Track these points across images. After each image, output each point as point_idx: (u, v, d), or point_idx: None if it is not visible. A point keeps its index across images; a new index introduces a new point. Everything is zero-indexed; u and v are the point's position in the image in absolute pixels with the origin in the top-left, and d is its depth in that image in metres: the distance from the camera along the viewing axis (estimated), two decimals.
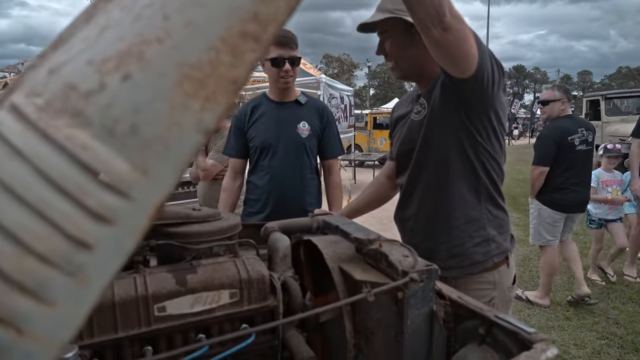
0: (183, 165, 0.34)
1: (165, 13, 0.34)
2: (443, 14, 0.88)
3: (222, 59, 0.35)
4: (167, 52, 0.34)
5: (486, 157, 1.22)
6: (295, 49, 1.95)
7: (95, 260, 0.33)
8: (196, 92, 0.34)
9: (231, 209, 2.09)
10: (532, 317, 3.26)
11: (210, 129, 0.35)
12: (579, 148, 3.23)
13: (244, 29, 0.35)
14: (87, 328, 0.82)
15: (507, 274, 1.28)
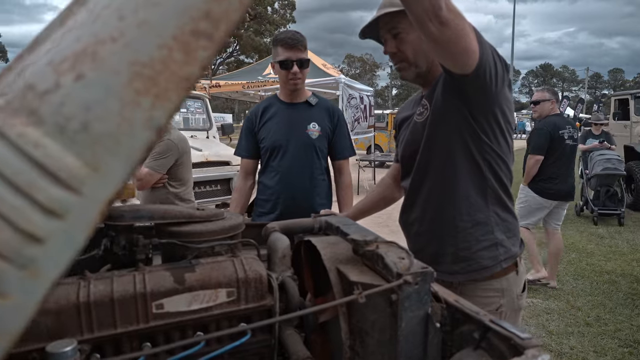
0: (135, 161, 0.35)
1: (120, 14, 0.34)
2: (439, 7, 0.86)
3: (174, 57, 0.35)
4: (119, 51, 0.34)
5: (492, 157, 1.19)
6: (304, 51, 1.96)
7: (46, 254, 0.34)
8: (147, 89, 0.35)
9: (242, 209, 2.12)
10: (551, 322, 3.17)
11: (161, 126, 0.35)
12: (567, 142, 3.70)
13: (196, 27, 0.35)
14: (86, 323, 0.84)
15: (516, 281, 1.25)
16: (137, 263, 1.08)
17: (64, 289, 0.85)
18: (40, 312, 0.82)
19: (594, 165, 6.33)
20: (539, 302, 3.52)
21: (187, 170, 2.86)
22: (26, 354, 0.79)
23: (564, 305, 3.47)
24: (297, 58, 1.94)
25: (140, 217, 1.09)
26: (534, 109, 3.95)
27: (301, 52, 1.95)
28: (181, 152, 2.76)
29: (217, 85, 9.08)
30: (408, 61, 1.26)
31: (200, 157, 3.49)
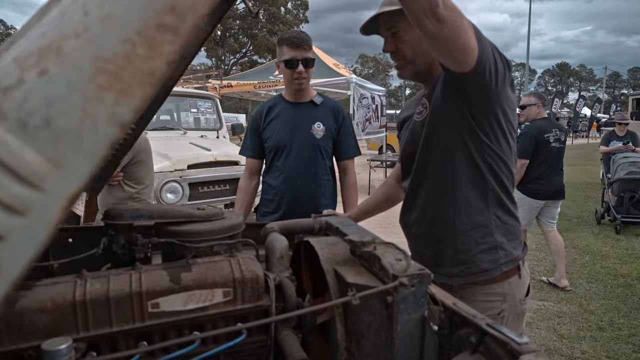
0: (98, 157, 0.34)
1: (86, 8, 0.34)
2: (436, 4, 0.85)
3: (138, 52, 0.35)
4: (83, 46, 0.34)
5: (493, 158, 1.16)
6: (309, 50, 1.95)
7: (6, 251, 0.33)
8: (110, 85, 0.34)
9: (247, 209, 2.12)
10: (562, 326, 3.11)
11: (125, 122, 0.35)
12: (553, 145, 3.89)
13: (161, 20, 0.35)
14: (82, 322, 0.84)
15: (518, 285, 1.22)
16: (134, 262, 1.08)
17: (60, 287, 0.85)
18: (37, 309, 0.83)
19: (616, 169, 6.03)
20: (550, 305, 3.46)
21: (145, 170, 2.73)
22: (22, 351, 0.80)
23: (576, 308, 3.41)
24: (302, 57, 1.94)
25: (140, 216, 1.09)
26: (522, 112, 4.18)
27: (306, 52, 1.94)
28: (137, 151, 2.65)
29: (229, 86, 9.13)
30: (406, 60, 1.25)
31: (209, 156, 3.51)
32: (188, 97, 4.95)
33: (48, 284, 0.86)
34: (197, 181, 3.41)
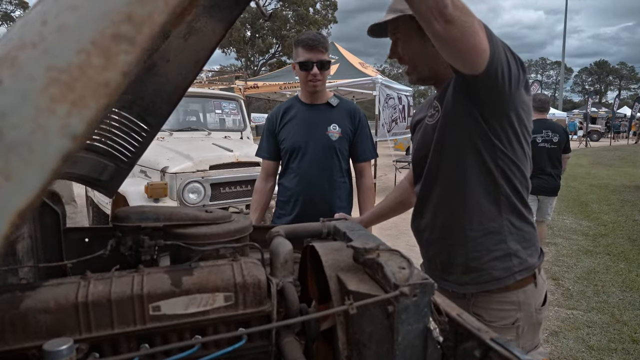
0: (51, 170, 0.34)
1: (44, 18, 0.34)
2: (444, 5, 0.82)
3: (93, 62, 0.34)
4: (38, 56, 0.33)
5: (506, 163, 1.12)
6: (324, 52, 1.93)
7: None
8: (63, 96, 0.34)
9: (262, 210, 2.11)
10: (592, 337, 2.98)
11: (78, 134, 0.34)
12: (541, 145, 4.18)
13: (117, 30, 0.34)
14: (84, 323, 0.86)
15: (534, 294, 1.16)
16: (138, 264, 1.10)
17: (64, 288, 0.87)
18: (40, 310, 0.84)
19: None
20: (579, 314, 3.32)
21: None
22: (26, 350, 0.82)
23: (608, 318, 3.25)
24: (317, 59, 1.92)
25: (146, 218, 1.10)
26: None
27: (322, 54, 1.92)
28: None
29: (256, 86, 9.21)
30: (408, 66, 1.25)
31: (231, 157, 3.54)
32: (213, 99, 5.02)
33: (52, 285, 0.88)
34: (218, 182, 3.44)
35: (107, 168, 1.44)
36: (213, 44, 1.37)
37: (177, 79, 1.40)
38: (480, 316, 1.16)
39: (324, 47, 1.93)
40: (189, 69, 1.40)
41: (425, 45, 1.17)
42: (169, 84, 1.38)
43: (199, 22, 1.27)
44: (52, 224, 1.25)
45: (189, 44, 1.32)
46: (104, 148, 1.38)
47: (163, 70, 1.33)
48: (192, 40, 1.31)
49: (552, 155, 4.22)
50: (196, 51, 1.36)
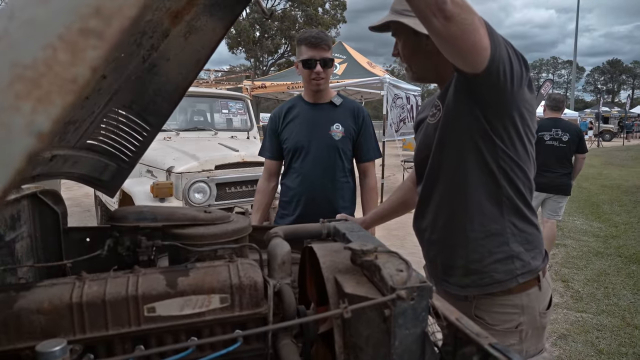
0: (15, 170, 0.32)
1: (12, 12, 0.33)
2: (443, 1, 0.80)
3: (59, 58, 0.33)
4: (3, 51, 0.32)
5: (508, 163, 1.09)
6: (327, 50, 1.91)
7: None
8: (28, 92, 0.32)
9: (265, 210, 2.10)
10: (602, 340, 2.92)
11: (44, 132, 0.33)
12: (549, 143, 4.25)
13: (85, 25, 0.33)
14: (79, 324, 0.85)
15: (538, 297, 1.14)
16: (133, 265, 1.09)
17: (58, 289, 0.86)
18: (34, 310, 0.84)
19: None
20: (589, 317, 3.26)
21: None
22: (20, 351, 0.81)
23: (618, 322, 3.19)
24: (320, 57, 1.90)
25: (144, 218, 1.09)
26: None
27: (325, 52, 1.90)
28: None
29: (263, 86, 9.21)
30: (408, 65, 1.25)
31: (237, 157, 3.54)
32: (220, 99, 5.03)
33: (47, 285, 0.87)
34: (224, 181, 3.44)
35: (108, 167, 1.43)
36: (214, 43, 1.36)
37: (177, 78, 1.39)
38: (482, 319, 1.14)
39: (327, 44, 1.91)
40: (189, 68, 1.39)
41: (420, 44, 1.16)
42: (169, 83, 1.38)
43: (199, 20, 1.26)
44: (51, 224, 1.25)
45: (190, 43, 1.31)
46: (104, 147, 1.37)
47: (164, 69, 1.32)
48: (192, 39, 1.30)
49: (560, 154, 4.22)
50: (197, 50, 1.35)
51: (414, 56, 1.21)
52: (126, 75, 1.20)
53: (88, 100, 1.07)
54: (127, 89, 1.26)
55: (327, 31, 38.87)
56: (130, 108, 1.35)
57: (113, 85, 1.17)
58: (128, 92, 1.28)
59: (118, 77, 1.16)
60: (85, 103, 1.07)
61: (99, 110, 1.21)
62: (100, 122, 1.27)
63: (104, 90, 1.12)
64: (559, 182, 4.24)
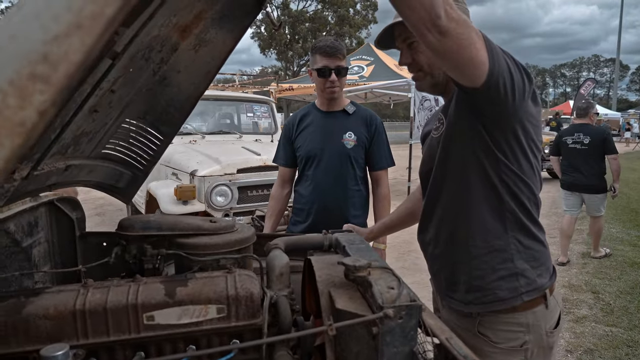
0: None
1: None
2: (437, 16, 0.79)
3: (8, 102, 0.35)
4: None
5: (511, 178, 1.06)
6: (342, 59, 1.92)
7: None
8: None
9: (278, 216, 2.13)
10: (632, 357, 2.78)
11: None
12: (572, 146, 4.75)
13: (33, 70, 0.35)
14: (82, 329, 0.89)
15: (545, 316, 1.10)
16: (140, 272, 1.12)
17: (64, 295, 0.91)
18: (41, 315, 0.88)
19: None
20: (619, 331, 3.12)
21: None
22: (27, 354, 0.86)
23: None
24: (335, 66, 1.91)
25: (149, 227, 1.13)
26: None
27: (339, 60, 1.91)
28: None
29: (291, 89, 9.28)
30: (423, 71, 1.18)
31: (258, 161, 3.59)
32: (245, 102, 5.11)
33: (54, 292, 0.92)
34: (245, 185, 3.50)
35: (124, 175, 1.49)
36: (224, 54, 1.39)
37: (189, 89, 1.43)
38: (487, 336, 1.11)
39: (341, 53, 1.92)
40: (200, 78, 1.43)
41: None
42: (181, 94, 1.42)
43: (208, 33, 1.29)
44: (67, 230, 1.31)
45: (200, 55, 1.34)
46: (119, 156, 1.42)
47: (175, 81, 1.36)
48: (202, 51, 1.33)
49: (585, 156, 4.65)
50: (207, 62, 1.39)
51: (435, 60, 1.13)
52: (137, 88, 1.24)
53: (98, 114, 1.11)
54: (139, 101, 1.30)
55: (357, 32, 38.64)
56: (143, 119, 1.40)
57: (124, 99, 1.21)
58: (140, 103, 1.32)
59: (129, 90, 1.20)
60: (95, 116, 1.11)
61: (112, 122, 1.26)
62: (114, 133, 1.32)
63: (114, 103, 1.17)
64: (587, 182, 4.66)
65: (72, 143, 1.12)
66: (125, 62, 1.03)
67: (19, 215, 1.12)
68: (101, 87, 0.99)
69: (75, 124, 1.04)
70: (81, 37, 0.35)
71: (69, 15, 0.34)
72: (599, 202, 4.69)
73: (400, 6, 0.81)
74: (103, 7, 0.35)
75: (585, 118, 4.81)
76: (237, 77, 9.32)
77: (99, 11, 0.35)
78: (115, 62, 0.92)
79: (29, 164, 0.93)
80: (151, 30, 1.04)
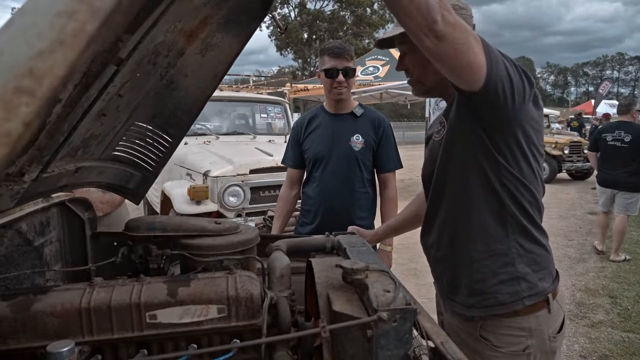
0: None
1: None
2: (433, 21, 0.79)
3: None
4: None
5: (512, 182, 1.06)
6: (350, 60, 1.93)
7: None
8: None
9: (286, 218, 2.15)
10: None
11: None
12: (611, 143, 4.76)
13: (19, 84, 0.37)
14: (87, 327, 0.92)
15: (547, 320, 1.09)
16: (146, 272, 1.15)
17: (71, 294, 0.94)
18: (49, 313, 0.92)
19: None
20: (636, 337, 3.04)
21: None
22: (35, 350, 0.89)
23: None
24: (342, 67, 1.92)
25: (155, 228, 1.16)
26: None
27: (347, 61, 1.92)
28: None
29: (306, 89, 9.31)
30: (415, 79, 1.20)
31: (271, 162, 3.62)
32: (259, 103, 5.15)
33: (61, 290, 0.95)
34: (258, 185, 3.53)
35: (134, 177, 1.52)
36: (230, 58, 1.42)
37: (196, 92, 1.45)
38: (488, 340, 1.11)
39: (349, 55, 1.93)
40: (207, 82, 1.45)
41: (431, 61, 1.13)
42: (188, 98, 1.44)
43: (215, 38, 1.31)
44: (78, 230, 1.35)
45: (207, 59, 1.36)
46: (129, 158, 1.46)
47: (182, 85, 1.38)
48: (209, 55, 1.36)
49: (624, 154, 4.64)
50: (214, 66, 1.41)
51: (427, 69, 1.15)
52: (145, 92, 1.27)
53: (107, 117, 1.15)
54: (147, 105, 1.33)
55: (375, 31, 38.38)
56: (152, 122, 1.43)
57: (132, 102, 1.24)
58: (148, 107, 1.35)
59: (137, 94, 1.23)
60: (104, 120, 1.15)
61: (121, 125, 1.29)
62: (123, 135, 1.36)
63: (122, 107, 1.20)
64: (623, 180, 4.67)
65: (82, 146, 1.16)
66: (132, 68, 1.06)
67: (31, 215, 1.16)
68: (108, 92, 1.02)
69: (84, 128, 1.07)
70: (64, 52, 0.37)
71: (52, 32, 0.36)
72: (634, 200, 4.66)
73: (397, 12, 0.81)
74: (84, 24, 0.37)
75: (627, 115, 4.78)
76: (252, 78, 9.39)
77: (80, 28, 0.37)
78: (120, 68, 0.94)
79: (38, 166, 0.97)
80: (156, 36, 1.07)
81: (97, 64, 0.85)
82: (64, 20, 0.37)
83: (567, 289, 3.92)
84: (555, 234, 5.88)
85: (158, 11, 0.91)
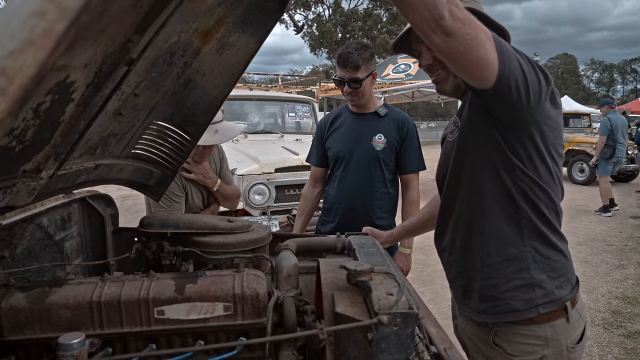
0: None
1: None
2: (440, 16, 0.76)
3: None
4: None
5: (527, 184, 1.01)
6: (356, 70, 1.88)
7: None
8: None
9: (307, 216, 2.15)
10: None
11: None
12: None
13: None
14: (98, 320, 0.95)
15: (565, 330, 1.04)
16: (159, 268, 1.18)
17: (83, 287, 0.97)
18: (62, 305, 0.95)
19: None
20: None
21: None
22: (49, 340, 0.93)
23: None
24: (348, 78, 1.90)
25: (167, 225, 1.18)
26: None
27: (354, 72, 1.89)
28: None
29: (336, 88, 9.28)
30: (446, 70, 1.11)
31: (296, 160, 3.63)
32: (287, 102, 5.18)
33: (75, 284, 0.98)
34: (283, 184, 3.55)
35: (153, 174, 1.56)
36: (248, 56, 1.42)
37: (214, 91, 1.47)
38: (502, 348, 1.07)
39: (355, 65, 1.87)
40: (225, 81, 1.47)
41: None
42: (206, 96, 1.46)
43: (231, 37, 1.32)
44: (98, 225, 1.39)
45: (224, 59, 1.38)
46: (149, 156, 1.49)
47: (200, 84, 1.40)
48: (226, 54, 1.37)
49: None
50: (231, 65, 1.42)
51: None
52: (162, 91, 1.29)
53: (123, 117, 1.18)
54: (165, 103, 1.36)
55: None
56: (170, 120, 1.45)
57: (150, 102, 1.27)
58: (167, 106, 1.38)
59: (154, 94, 1.26)
60: (121, 119, 1.17)
61: (139, 123, 1.32)
62: (142, 134, 1.39)
63: (140, 106, 1.23)
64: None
65: (100, 144, 1.19)
66: (146, 67, 1.08)
67: (52, 210, 1.20)
68: (123, 91, 1.05)
69: (101, 126, 1.10)
70: (34, 52, 0.37)
71: (23, 32, 0.37)
72: None
73: (403, 7, 0.79)
74: (53, 24, 0.37)
75: None
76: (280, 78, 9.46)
77: (49, 28, 0.37)
78: (131, 68, 0.96)
79: (55, 163, 1.00)
80: (169, 36, 1.08)
81: (108, 64, 0.87)
82: (34, 21, 0.37)
83: (602, 296, 3.74)
84: (592, 238, 5.62)
85: (167, 12, 0.92)
